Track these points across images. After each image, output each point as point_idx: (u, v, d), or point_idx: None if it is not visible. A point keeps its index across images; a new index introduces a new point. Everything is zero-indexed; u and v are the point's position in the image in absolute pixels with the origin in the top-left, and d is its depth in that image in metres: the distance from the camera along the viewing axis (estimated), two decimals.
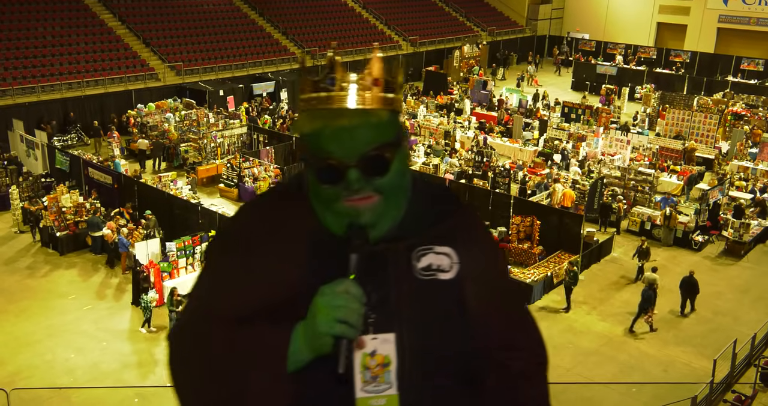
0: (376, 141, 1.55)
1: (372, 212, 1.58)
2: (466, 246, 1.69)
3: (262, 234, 1.66)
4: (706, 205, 20.72)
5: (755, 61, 40.56)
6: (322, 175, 1.56)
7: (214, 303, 1.64)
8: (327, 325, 1.48)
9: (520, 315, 1.83)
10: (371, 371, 1.57)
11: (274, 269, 1.62)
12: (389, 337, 1.57)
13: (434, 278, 1.64)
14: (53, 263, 17.95)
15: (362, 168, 1.54)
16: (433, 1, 46.73)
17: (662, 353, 14.84)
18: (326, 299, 1.49)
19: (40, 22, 29.61)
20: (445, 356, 1.64)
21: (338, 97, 1.54)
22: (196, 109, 27.40)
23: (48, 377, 13.27)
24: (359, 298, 1.51)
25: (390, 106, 1.58)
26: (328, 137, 1.53)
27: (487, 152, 24.62)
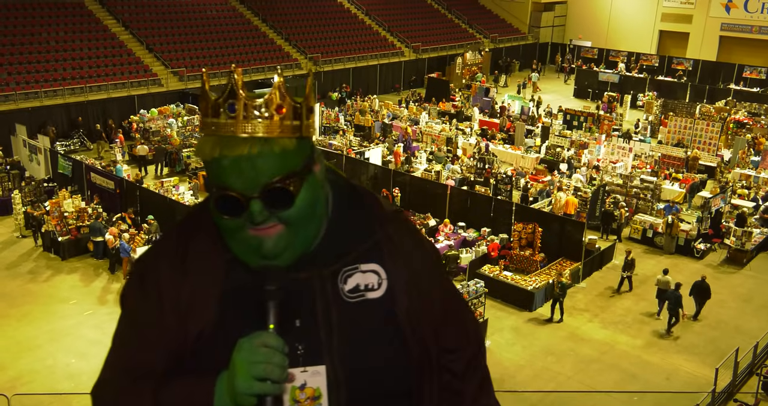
0: (280, 172, 1.45)
1: (277, 242, 1.48)
2: (394, 258, 1.62)
3: (175, 269, 1.58)
4: (708, 213, 20.70)
5: (757, 69, 40.60)
6: (221, 206, 1.46)
7: (133, 355, 1.58)
8: (246, 384, 1.38)
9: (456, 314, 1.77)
10: (301, 405, 1.52)
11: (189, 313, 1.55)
12: (320, 369, 1.52)
13: (363, 299, 1.58)
14: (55, 267, 17.96)
15: (265, 200, 1.44)
16: (436, 8, 46.84)
17: (664, 361, 14.80)
18: (244, 354, 1.40)
19: (43, 28, 29.71)
20: (380, 380, 1.58)
21: (239, 125, 1.43)
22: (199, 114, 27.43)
23: (49, 383, 13.25)
24: (280, 349, 1.41)
25: (296, 133, 1.48)
26: (228, 168, 1.43)
27: (489, 159, 24.63)
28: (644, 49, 46.10)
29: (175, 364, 1.54)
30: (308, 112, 1.51)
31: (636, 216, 21.29)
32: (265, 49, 35.23)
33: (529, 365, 14.21)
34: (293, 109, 1.48)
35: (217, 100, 1.47)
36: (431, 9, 46.54)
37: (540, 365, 13.99)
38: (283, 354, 1.41)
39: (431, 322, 1.67)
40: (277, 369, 1.39)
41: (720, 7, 44.11)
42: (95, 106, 27.77)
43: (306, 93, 1.52)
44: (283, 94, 1.48)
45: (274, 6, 38.70)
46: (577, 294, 17.53)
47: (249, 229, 1.47)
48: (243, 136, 1.43)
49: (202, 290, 1.55)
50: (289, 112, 1.47)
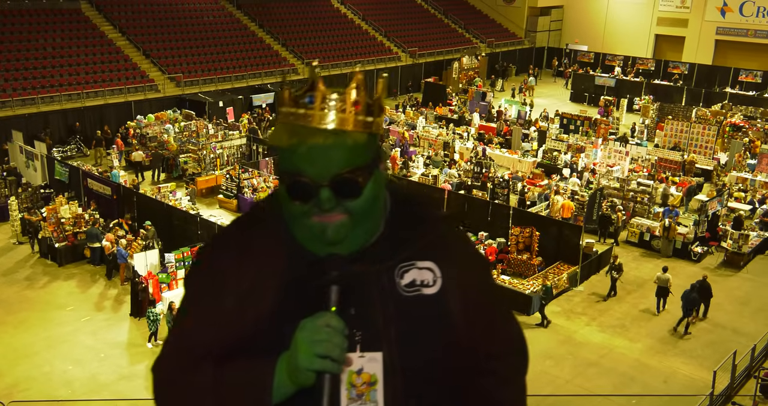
0: (351, 164, 1.53)
1: (339, 230, 1.56)
2: (448, 259, 1.69)
3: (236, 262, 1.65)
4: (705, 216, 20.73)
5: (753, 72, 40.72)
6: (293, 191, 1.55)
7: (194, 335, 1.64)
8: (308, 360, 1.46)
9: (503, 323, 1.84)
10: (357, 389, 1.56)
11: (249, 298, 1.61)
12: (377, 356, 1.57)
13: (419, 294, 1.64)
14: (52, 274, 17.92)
15: (334, 189, 1.53)
16: (433, 13, 46.94)
17: (662, 364, 14.80)
18: (306, 333, 1.47)
19: (40, 34, 29.72)
20: (433, 373, 1.64)
21: (316, 116, 1.52)
22: (196, 120, 27.46)
23: (46, 389, 13.21)
24: (341, 330, 1.48)
25: (368, 129, 1.56)
26: (302, 155, 1.52)
27: (486, 163, 24.65)
28: (640, 53, 46.23)
29: (231, 346, 1.60)
30: (379, 111, 1.59)
31: (633, 219, 21.31)
32: (262, 54, 35.27)
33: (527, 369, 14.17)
34: (367, 106, 1.56)
35: (298, 91, 1.56)
36: (428, 14, 46.64)
37: (538, 369, 13.98)
38: (343, 335, 1.48)
39: (479, 324, 1.73)
40: (338, 348, 1.47)
41: (715, 11, 44.27)
42: (92, 112, 27.77)
43: (378, 93, 1.59)
44: (360, 90, 1.55)
45: (270, 11, 38.76)
46: (575, 298, 17.54)
47: (314, 216, 1.55)
48: (320, 126, 1.52)
49: (263, 279, 1.62)
50: (363, 108, 1.55)
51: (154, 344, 14.66)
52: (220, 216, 20.65)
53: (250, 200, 21.54)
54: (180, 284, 16.29)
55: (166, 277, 16.05)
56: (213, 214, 20.88)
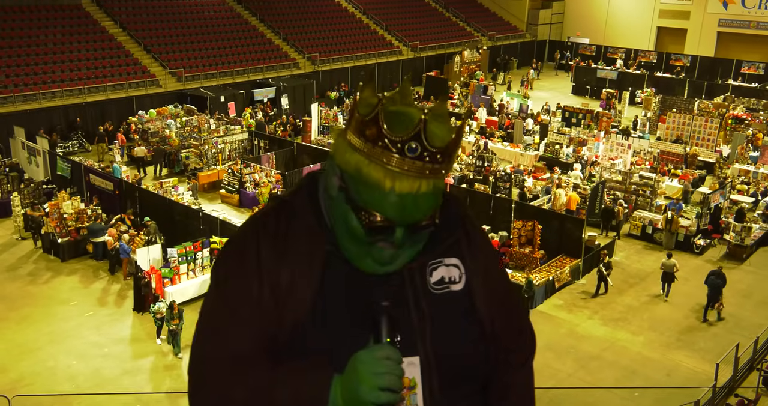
0: (433, 209, 1.53)
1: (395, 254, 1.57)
2: (471, 254, 1.73)
3: (273, 252, 1.60)
4: (708, 208, 20.70)
5: (755, 64, 40.59)
6: (372, 229, 1.51)
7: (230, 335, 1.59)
8: (372, 394, 1.45)
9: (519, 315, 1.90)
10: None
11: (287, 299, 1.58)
12: (414, 360, 1.58)
13: (448, 290, 1.67)
14: (54, 269, 17.96)
15: (411, 230, 1.53)
16: (434, 7, 46.83)
17: (664, 357, 14.81)
18: (368, 366, 1.46)
19: (41, 30, 29.70)
20: (466, 368, 1.67)
21: (413, 165, 1.47)
22: (197, 115, 27.44)
23: (50, 384, 13.26)
24: (399, 361, 1.48)
25: (449, 172, 1.57)
26: (393, 203, 1.48)
27: (488, 157, 24.63)
28: (642, 45, 46.10)
29: (268, 346, 1.57)
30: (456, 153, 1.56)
31: (635, 212, 21.28)
32: (263, 49, 35.22)
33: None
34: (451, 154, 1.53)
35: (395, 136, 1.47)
36: (429, 7, 46.52)
37: (540, 362, 13.97)
38: (401, 367, 1.48)
39: (501, 318, 1.77)
40: (399, 380, 1.47)
41: (717, 3, 44.10)
42: (94, 108, 27.76)
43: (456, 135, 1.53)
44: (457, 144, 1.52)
45: (271, 6, 38.68)
46: (577, 291, 17.54)
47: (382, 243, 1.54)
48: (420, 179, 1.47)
49: (301, 278, 1.58)
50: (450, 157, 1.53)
51: (163, 340, 14.54)
52: (222, 211, 20.67)
53: (252, 195, 21.55)
54: (182, 278, 16.33)
55: (169, 272, 16.08)
56: (215, 209, 20.89)
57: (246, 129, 26.62)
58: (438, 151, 1.48)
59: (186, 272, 16.41)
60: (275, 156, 24.03)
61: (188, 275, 16.42)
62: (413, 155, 1.46)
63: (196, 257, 16.54)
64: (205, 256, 16.62)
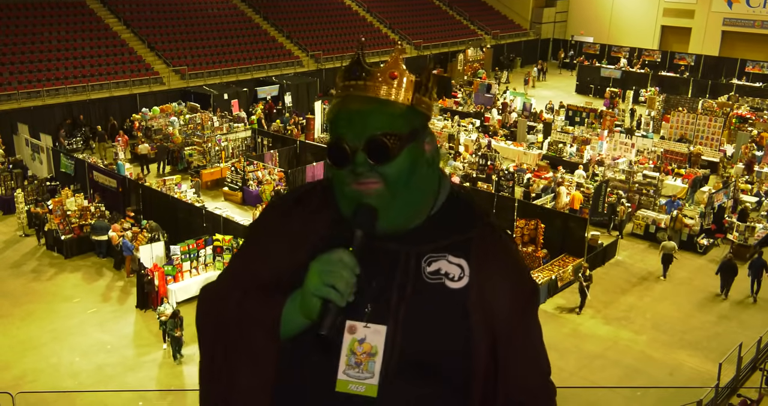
0: (385, 128, 1.61)
1: (375, 199, 1.62)
2: (482, 263, 1.67)
3: (281, 224, 1.79)
4: (711, 208, 20.67)
5: (760, 64, 40.49)
6: (332, 156, 1.64)
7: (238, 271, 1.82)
8: (315, 286, 1.56)
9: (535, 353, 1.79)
10: (356, 357, 1.60)
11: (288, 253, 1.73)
12: (381, 329, 1.60)
13: (441, 283, 1.64)
14: (58, 266, 17.99)
15: (368, 152, 1.60)
16: (437, 5, 46.78)
17: (667, 356, 14.79)
18: (319, 264, 1.59)
19: (45, 27, 29.72)
20: (434, 363, 1.62)
21: (359, 86, 1.66)
22: (201, 112, 27.46)
23: (53, 381, 13.29)
24: (351, 268, 1.57)
25: (407, 101, 1.66)
26: (343, 120, 1.64)
27: (491, 155, 24.62)
28: (646, 44, 46.00)
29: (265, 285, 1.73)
30: (424, 90, 1.69)
31: (639, 212, 21.25)
32: (267, 47, 35.21)
33: None
34: (407, 81, 1.66)
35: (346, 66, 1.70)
36: (432, 5, 46.48)
37: None
38: (352, 271, 1.57)
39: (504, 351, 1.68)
40: (344, 281, 1.56)
41: (722, 2, 43.99)
42: (97, 105, 27.78)
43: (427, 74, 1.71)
44: (397, 63, 1.67)
45: (275, 4, 38.67)
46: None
47: (353, 183, 1.63)
48: (362, 95, 1.65)
49: (305, 233, 1.74)
50: (401, 81, 1.65)
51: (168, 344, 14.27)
52: (225, 208, 20.68)
53: (255, 193, 21.55)
54: (185, 276, 16.36)
55: (172, 269, 16.10)
56: (218, 206, 20.91)
57: (251, 126, 26.60)
58: (378, 72, 1.65)
59: (189, 269, 16.43)
60: (278, 154, 24.04)
61: (191, 273, 16.44)
62: (354, 76, 1.66)
63: (199, 254, 16.56)
64: (208, 253, 16.64)
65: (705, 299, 17.35)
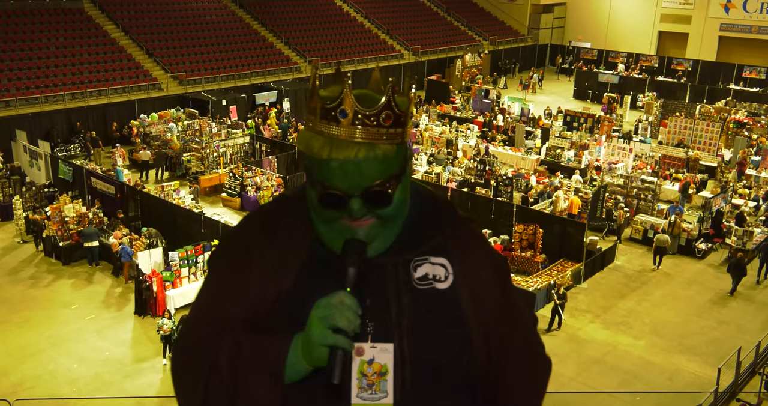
0: (381, 176, 1.56)
1: (369, 232, 1.60)
2: (461, 258, 1.71)
3: (261, 243, 1.69)
4: (709, 213, 20.69)
5: (757, 69, 40.60)
6: (325, 201, 1.57)
7: (216, 307, 1.69)
8: (321, 335, 1.48)
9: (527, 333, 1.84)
10: (368, 379, 1.58)
11: (271, 278, 1.66)
12: (388, 346, 1.59)
13: (431, 287, 1.66)
14: (56, 272, 17.96)
15: (365, 200, 1.56)
16: (435, 11, 46.89)
17: (666, 361, 14.78)
18: (320, 310, 1.50)
19: (43, 33, 29.76)
20: (445, 368, 1.64)
21: (348, 130, 1.53)
22: (199, 118, 27.48)
23: (51, 387, 13.25)
24: (354, 309, 1.50)
25: (397, 139, 1.58)
26: (335, 169, 1.53)
27: (490, 161, 24.64)
28: (644, 50, 46.10)
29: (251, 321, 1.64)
30: (409, 118, 1.61)
31: (637, 217, 21.27)
32: (265, 53, 35.27)
33: None
34: (396, 117, 1.57)
35: (329, 104, 1.55)
36: (430, 12, 46.59)
37: None
38: (356, 313, 1.51)
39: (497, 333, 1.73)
40: (350, 323, 1.49)
41: (719, 8, 44.13)
42: (95, 112, 27.80)
43: (408, 103, 1.60)
44: (392, 105, 1.56)
45: (273, 10, 38.75)
46: (579, 295, 17.52)
47: (344, 220, 1.59)
48: (352, 140, 1.53)
49: (285, 261, 1.67)
50: (393, 121, 1.56)
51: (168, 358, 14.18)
52: (223, 214, 20.67)
53: (254, 199, 21.56)
54: (183, 282, 16.33)
55: (170, 275, 16.08)
56: (216, 212, 20.91)
57: (248, 133, 26.62)
58: (371, 115, 1.53)
59: (187, 275, 16.41)
60: (277, 160, 24.05)
61: (189, 279, 16.42)
62: (345, 119, 1.52)
63: (198, 260, 16.55)
64: (207, 259, 16.58)
65: (704, 303, 17.35)
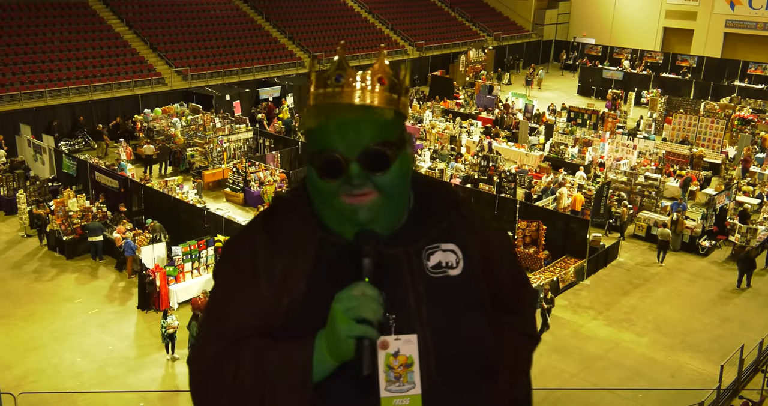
0: (379, 137, 1.57)
1: (370, 210, 1.59)
2: (469, 237, 1.74)
3: (267, 251, 1.67)
4: (713, 210, 20.65)
5: (762, 65, 40.45)
6: (324, 168, 1.57)
7: (229, 319, 1.64)
8: (347, 328, 1.48)
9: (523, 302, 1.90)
10: (394, 371, 1.58)
11: (282, 285, 1.64)
12: (412, 337, 1.58)
13: (446, 275, 1.68)
14: (60, 266, 18.01)
15: (363, 163, 1.56)
16: (439, 6, 46.80)
17: (669, 358, 14.78)
18: (343, 303, 1.49)
19: (48, 28, 29.77)
20: (468, 354, 1.66)
21: (345, 93, 1.57)
22: (203, 113, 27.49)
23: (54, 381, 13.30)
24: (376, 298, 1.51)
25: (394, 106, 1.60)
26: (332, 131, 1.56)
27: (493, 157, 24.61)
28: (648, 46, 45.98)
29: (268, 331, 1.61)
30: (405, 91, 1.65)
31: (640, 213, 21.24)
32: (269, 48, 35.25)
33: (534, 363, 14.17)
34: (392, 83, 1.61)
35: (326, 72, 1.60)
36: (435, 7, 46.50)
37: (544, 363, 13.98)
38: (378, 302, 1.51)
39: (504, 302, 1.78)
40: (375, 314, 1.49)
41: (724, 4, 43.97)
42: (99, 106, 27.83)
43: (403, 74, 1.65)
44: (384, 67, 1.61)
45: (277, 5, 38.72)
46: (582, 292, 17.52)
47: (344, 196, 1.58)
48: (349, 103, 1.57)
49: (295, 265, 1.64)
50: (387, 84, 1.60)
51: (170, 357, 14.15)
52: (226, 209, 20.70)
53: (257, 194, 21.57)
54: (187, 277, 16.36)
55: (173, 270, 16.11)
56: (220, 207, 20.92)
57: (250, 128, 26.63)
58: (366, 76, 1.58)
59: (190, 270, 16.44)
60: (280, 155, 24.06)
61: (192, 274, 16.45)
62: (340, 83, 1.57)
63: (201, 255, 16.58)
64: (210, 254, 16.64)
65: (707, 300, 17.34)
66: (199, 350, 1.66)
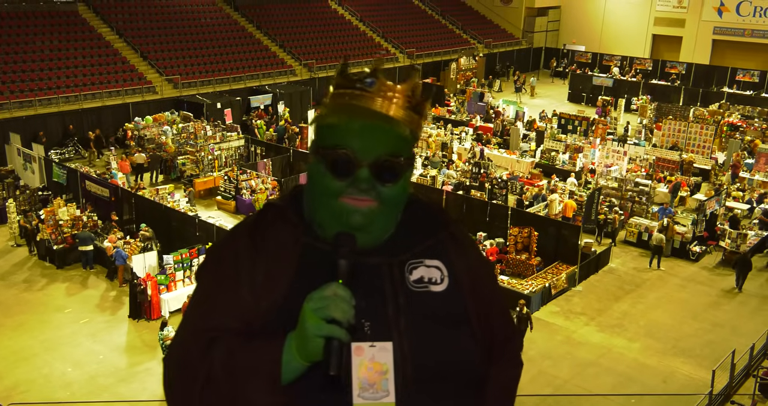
0: (394, 149, 1.60)
1: (365, 216, 1.60)
2: (457, 256, 1.74)
3: (249, 254, 1.67)
4: (703, 215, 20.75)
5: (750, 72, 40.77)
6: (335, 165, 1.59)
7: (207, 319, 1.65)
8: (315, 327, 1.47)
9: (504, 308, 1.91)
10: (369, 378, 1.58)
11: (262, 288, 1.63)
12: (387, 345, 1.58)
13: (427, 290, 1.68)
14: (50, 276, 17.91)
15: (374, 171, 1.58)
16: (430, 14, 46.97)
17: (661, 364, 14.81)
18: (314, 303, 1.50)
19: (38, 36, 29.70)
20: (445, 366, 1.66)
21: (372, 99, 1.60)
22: (194, 121, 27.45)
23: (45, 391, 13.20)
24: (348, 300, 1.51)
25: (412, 125, 1.64)
26: (353, 131, 1.58)
27: (485, 164, 24.67)
28: (638, 53, 46.26)
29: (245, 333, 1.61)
30: (424, 116, 1.68)
31: (631, 219, 21.32)
32: (260, 56, 35.26)
33: (526, 370, 14.03)
34: (417, 104, 1.65)
35: (358, 74, 1.63)
36: (425, 15, 46.67)
37: (537, 369, 13.99)
38: (350, 303, 1.51)
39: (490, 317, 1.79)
40: (345, 315, 1.48)
41: (712, 11, 44.32)
42: (90, 114, 27.74)
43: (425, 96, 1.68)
44: (416, 87, 1.64)
45: (268, 13, 38.76)
46: (574, 298, 17.55)
47: (345, 196, 1.59)
48: (374, 109, 1.59)
49: (277, 271, 1.65)
50: (413, 104, 1.64)
51: None
52: (218, 217, 20.65)
53: (249, 202, 21.54)
54: (178, 285, 16.30)
55: (165, 279, 16.05)
56: (211, 215, 20.87)
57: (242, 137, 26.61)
58: (396, 90, 1.61)
59: (182, 278, 16.38)
60: (272, 163, 24.04)
61: (184, 282, 16.39)
62: (371, 88, 1.60)
63: (192, 263, 16.52)
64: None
65: (698, 306, 17.40)
66: (175, 351, 1.67)
